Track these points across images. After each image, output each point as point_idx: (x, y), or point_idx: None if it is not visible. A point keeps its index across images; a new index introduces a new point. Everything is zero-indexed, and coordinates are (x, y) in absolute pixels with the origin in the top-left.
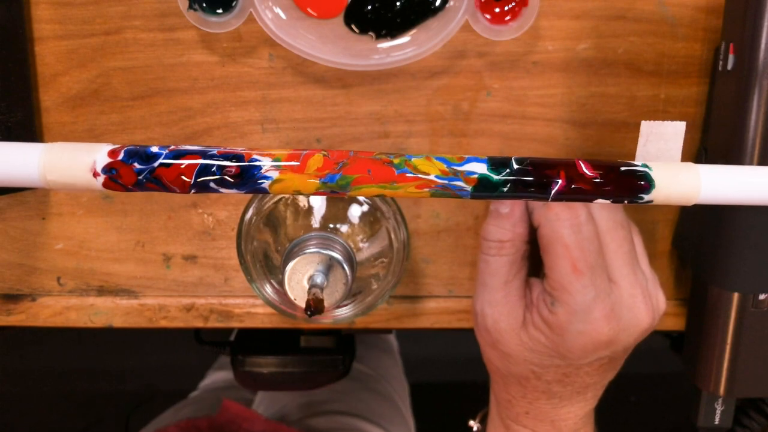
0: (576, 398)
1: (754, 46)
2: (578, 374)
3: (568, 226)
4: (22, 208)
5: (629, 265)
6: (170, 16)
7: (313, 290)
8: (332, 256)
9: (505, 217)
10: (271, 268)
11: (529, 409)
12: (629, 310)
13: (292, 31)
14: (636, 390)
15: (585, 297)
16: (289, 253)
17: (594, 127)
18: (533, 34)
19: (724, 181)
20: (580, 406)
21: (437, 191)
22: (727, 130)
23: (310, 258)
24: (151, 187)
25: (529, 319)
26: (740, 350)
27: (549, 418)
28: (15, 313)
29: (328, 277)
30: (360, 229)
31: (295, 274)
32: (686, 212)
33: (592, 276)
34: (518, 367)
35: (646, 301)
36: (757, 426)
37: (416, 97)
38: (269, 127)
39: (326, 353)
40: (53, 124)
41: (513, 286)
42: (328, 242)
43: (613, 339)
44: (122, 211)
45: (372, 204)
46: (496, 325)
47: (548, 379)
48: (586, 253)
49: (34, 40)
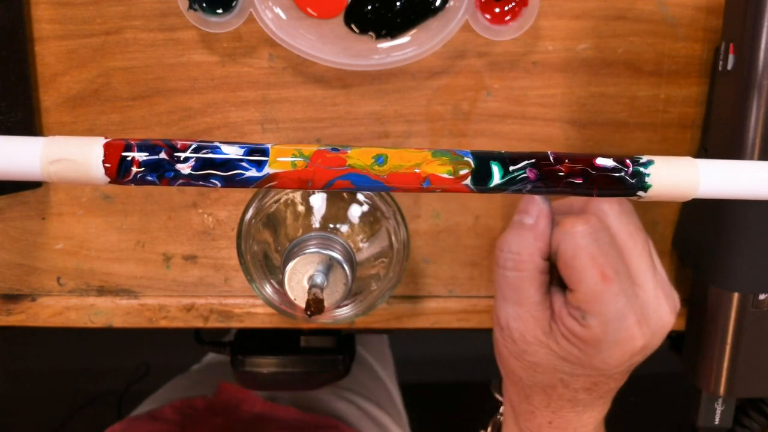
0: (598, 402)
1: (754, 46)
2: (607, 382)
3: (587, 235)
4: (22, 208)
5: (651, 267)
6: (170, 16)
7: (313, 290)
8: (332, 256)
9: (528, 229)
10: (271, 268)
11: (553, 418)
12: (655, 311)
13: (292, 31)
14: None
15: (618, 305)
16: (289, 253)
17: (594, 127)
18: (533, 34)
19: (722, 175)
20: (600, 410)
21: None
22: (727, 130)
23: (310, 258)
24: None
25: (556, 329)
26: (740, 350)
27: (572, 426)
28: (15, 313)
29: (328, 277)
30: (360, 229)
31: (295, 274)
32: (686, 212)
33: (620, 282)
34: (546, 376)
35: (669, 301)
36: (757, 426)
37: (416, 97)
38: (269, 127)
39: (326, 353)
40: (53, 124)
41: (536, 300)
42: (328, 242)
43: (646, 344)
44: (122, 211)
45: (372, 204)
46: (524, 337)
47: (576, 387)
48: (611, 259)
49: (34, 40)
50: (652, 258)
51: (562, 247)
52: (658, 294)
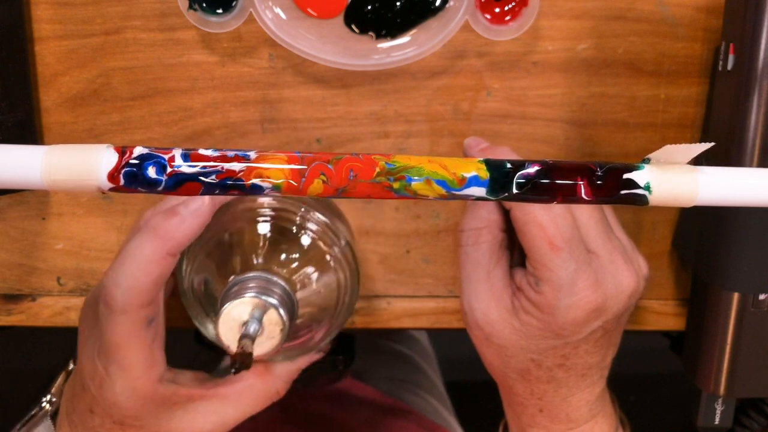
0: (582, 383)
1: (754, 46)
2: (577, 353)
3: (539, 205)
4: (22, 208)
5: (604, 233)
6: (170, 16)
7: (242, 342)
8: (269, 302)
9: (480, 206)
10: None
11: (542, 405)
12: (612, 276)
13: (292, 31)
14: (636, 390)
15: (567, 271)
16: (224, 296)
17: (594, 127)
18: (533, 34)
19: (722, 183)
20: (589, 390)
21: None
22: (727, 130)
23: (244, 303)
24: None
25: (518, 305)
26: (740, 350)
27: (563, 411)
28: (15, 313)
29: (264, 323)
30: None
31: (228, 321)
32: (686, 212)
33: (570, 249)
34: (516, 359)
35: (628, 266)
36: (757, 426)
37: (416, 97)
38: (269, 127)
39: (326, 353)
40: (53, 124)
41: (496, 275)
42: (268, 285)
43: (601, 306)
44: (122, 211)
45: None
46: (486, 317)
47: (549, 365)
48: (560, 229)
49: (34, 40)
50: (609, 226)
51: (514, 215)
52: (614, 258)
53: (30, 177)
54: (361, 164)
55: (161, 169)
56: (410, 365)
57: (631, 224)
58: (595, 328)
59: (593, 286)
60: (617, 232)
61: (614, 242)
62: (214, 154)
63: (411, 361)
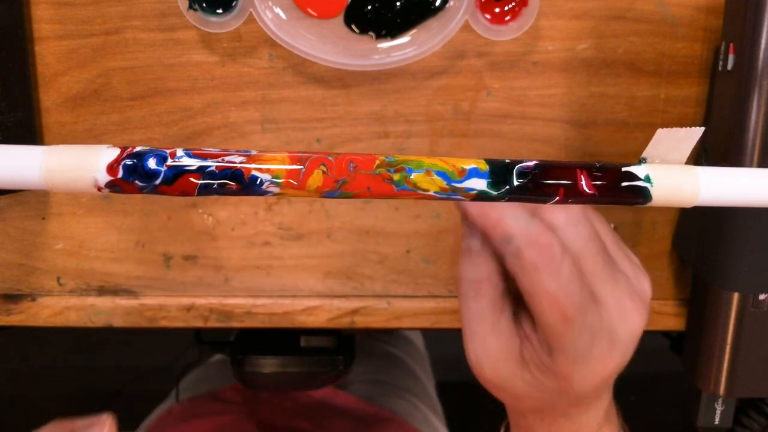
0: (593, 404)
1: (754, 46)
2: (590, 397)
3: (548, 272)
4: (22, 208)
5: (610, 277)
6: (170, 16)
7: None
8: None
9: (476, 254)
10: None
11: (550, 430)
12: (623, 324)
13: (292, 31)
14: (636, 390)
15: (582, 342)
16: None
17: (594, 127)
18: (533, 34)
19: (722, 183)
20: (598, 407)
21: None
22: (727, 130)
23: None
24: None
25: (528, 356)
26: (740, 350)
27: (573, 430)
28: (15, 313)
29: None
30: None
31: None
32: (686, 212)
33: (583, 317)
34: (530, 402)
35: (635, 303)
36: (757, 426)
37: (416, 97)
38: (269, 127)
39: (326, 353)
40: (53, 124)
41: (502, 326)
42: None
43: (619, 363)
44: (122, 211)
45: None
46: (495, 371)
47: (563, 406)
48: (571, 296)
49: (34, 40)
50: (611, 261)
51: (520, 285)
52: (621, 302)
53: (29, 177)
54: (362, 158)
55: (161, 161)
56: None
57: (631, 224)
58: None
59: (608, 348)
60: (618, 256)
61: (619, 280)
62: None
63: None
